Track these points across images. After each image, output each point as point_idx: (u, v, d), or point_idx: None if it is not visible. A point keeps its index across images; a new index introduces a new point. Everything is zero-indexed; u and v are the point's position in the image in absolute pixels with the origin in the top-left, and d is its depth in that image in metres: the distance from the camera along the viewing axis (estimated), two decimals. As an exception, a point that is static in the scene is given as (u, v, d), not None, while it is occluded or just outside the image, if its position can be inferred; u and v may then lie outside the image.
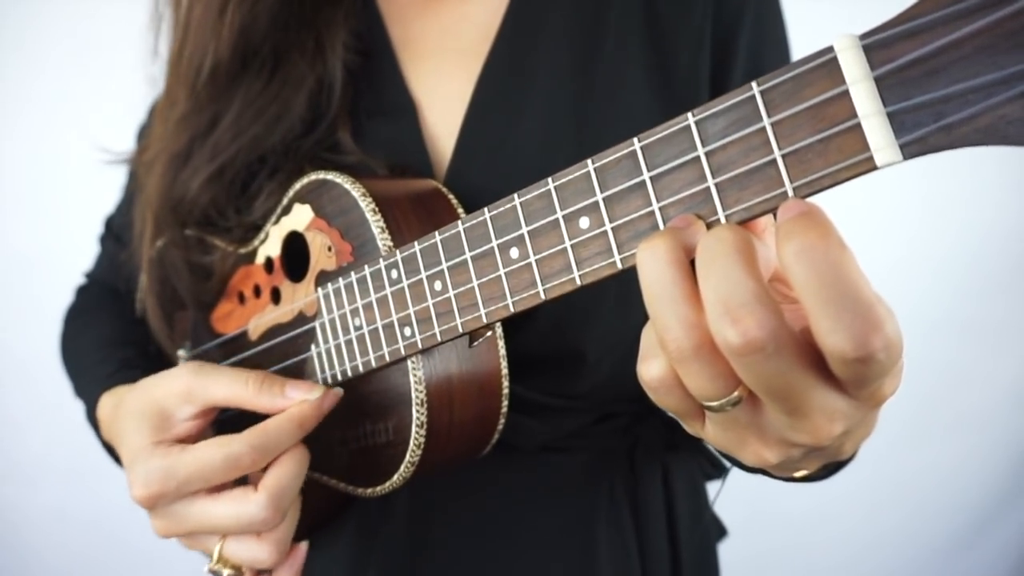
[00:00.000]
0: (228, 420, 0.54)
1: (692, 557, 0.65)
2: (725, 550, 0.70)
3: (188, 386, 0.48)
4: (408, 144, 0.61)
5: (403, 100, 0.62)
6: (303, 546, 0.52)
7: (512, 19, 0.62)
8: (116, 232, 0.80)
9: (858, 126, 0.27)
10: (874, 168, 0.27)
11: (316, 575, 0.66)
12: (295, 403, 0.47)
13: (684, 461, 0.67)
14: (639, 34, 0.60)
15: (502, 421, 0.53)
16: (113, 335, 0.70)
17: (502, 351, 0.52)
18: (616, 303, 0.58)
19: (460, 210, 0.54)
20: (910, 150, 0.26)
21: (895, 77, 0.26)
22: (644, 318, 0.62)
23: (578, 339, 0.58)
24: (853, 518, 1.40)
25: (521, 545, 0.62)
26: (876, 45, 0.27)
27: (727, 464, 0.52)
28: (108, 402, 0.61)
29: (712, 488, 0.70)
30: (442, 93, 0.62)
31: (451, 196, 0.55)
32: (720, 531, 0.70)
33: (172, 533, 0.49)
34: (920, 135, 0.26)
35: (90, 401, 0.63)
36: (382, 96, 0.63)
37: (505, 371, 0.52)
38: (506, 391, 0.52)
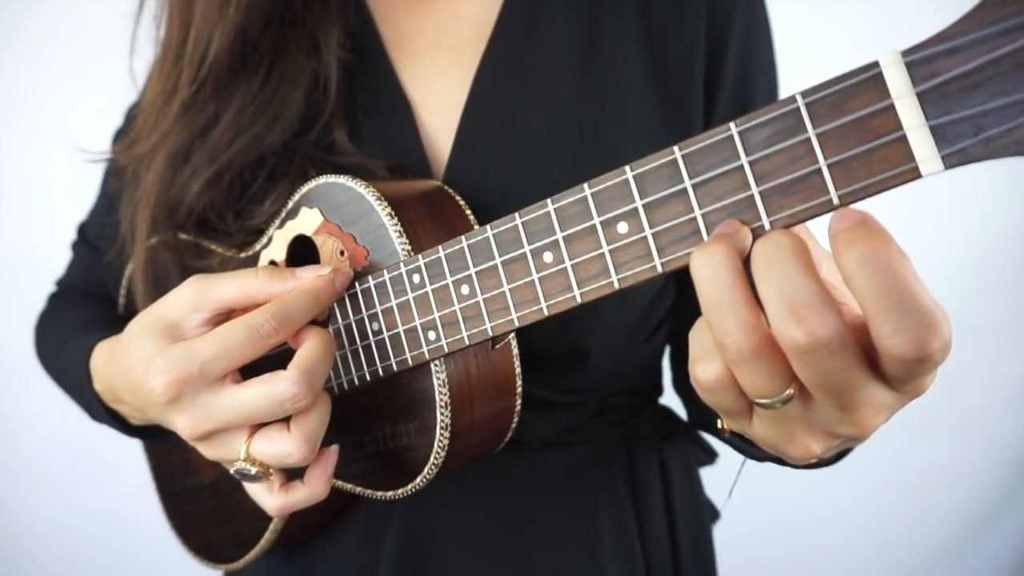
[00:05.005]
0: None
1: (689, 540, 0.67)
2: (724, 545, 0.72)
3: (195, 292, 0.45)
4: (405, 143, 0.61)
5: (398, 99, 0.62)
6: (334, 448, 0.50)
7: (507, 16, 0.62)
8: (90, 238, 0.77)
9: (903, 138, 0.28)
10: (919, 177, 0.29)
11: (324, 576, 0.66)
12: (308, 280, 0.46)
13: (679, 449, 0.69)
14: (634, 31, 0.61)
15: (516, 419, 0.54)
16: (96, 317, 0.66)
17: (515, 350, 0.53)
18: (615, 300, 0.60)
19: (468, 211, 0.54)
20: (951, 160, 0.28)
21: (936, 92, 0.28)
22: (640, 313, 0.64)
23: (581, 337, 0.59)
24: (853, 517, 1.40)
25: (529, 538, 0.63)
26: (918, 62, 0.28)
27: (737, 452, 0.54)
28: (103, 348, 0.57)
29: (704, 474, 0.72)
30: (437, 91, 0.62)
31: (457, 196, 0.55)
32: (713, 514, 0.72)
33: (200, 429, 0.45)
34: (961, 147, 0.28)
35: (79, 363, 0.58)
36: (377, 95, 0.62)
37: (518, 370, 0.53)
38: (520, 389, 0.53)
